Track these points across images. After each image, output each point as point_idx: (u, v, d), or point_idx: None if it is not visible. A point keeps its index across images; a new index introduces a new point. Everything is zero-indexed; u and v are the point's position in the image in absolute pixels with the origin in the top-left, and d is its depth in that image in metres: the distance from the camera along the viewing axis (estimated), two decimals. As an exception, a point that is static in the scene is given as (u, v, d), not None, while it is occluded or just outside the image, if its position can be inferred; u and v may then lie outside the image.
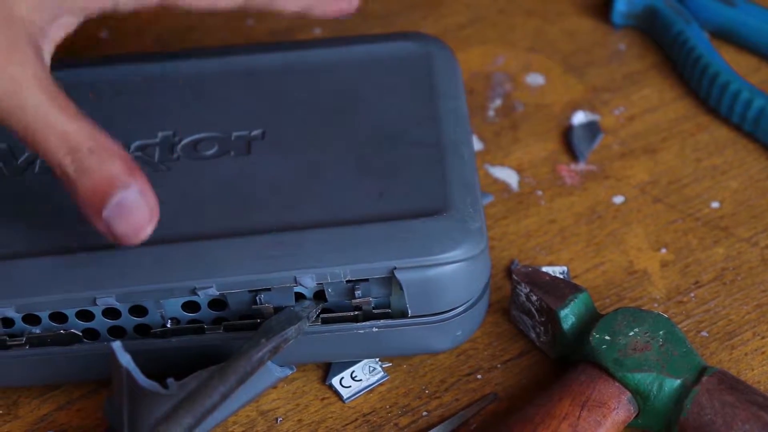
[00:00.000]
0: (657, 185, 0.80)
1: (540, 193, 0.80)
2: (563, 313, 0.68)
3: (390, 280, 0.65)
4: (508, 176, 0.81)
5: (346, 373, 0.70)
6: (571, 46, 0.90)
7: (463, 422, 0.68)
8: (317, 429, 0.68)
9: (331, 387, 0.70)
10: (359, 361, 0.70)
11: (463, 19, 0.93)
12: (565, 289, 0.69)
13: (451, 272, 0.65)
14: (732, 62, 0.85)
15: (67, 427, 0.68)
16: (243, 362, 0.62)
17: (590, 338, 0.66)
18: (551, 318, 0.68)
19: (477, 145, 0.83)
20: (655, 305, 0.73)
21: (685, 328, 0.72)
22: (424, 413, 0.69)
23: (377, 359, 0.70)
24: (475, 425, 0.68)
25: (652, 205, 0.79)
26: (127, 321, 0.66)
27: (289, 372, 0.65)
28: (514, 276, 0.70)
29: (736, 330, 0.72)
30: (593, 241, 0.77)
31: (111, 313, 0.66)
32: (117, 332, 0.67)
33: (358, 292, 0.65)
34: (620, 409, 0.64)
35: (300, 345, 0.65)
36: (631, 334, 0.66)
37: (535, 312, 0.70)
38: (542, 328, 0.70)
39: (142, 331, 0.67)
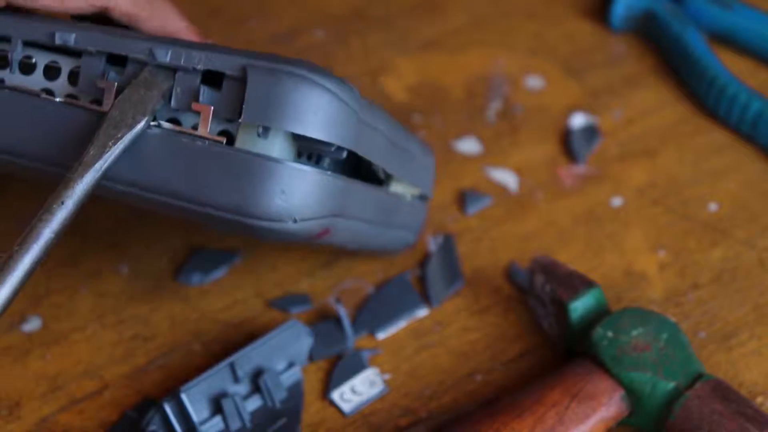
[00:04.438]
0: (655, 187, 0.80)
1: (539, 195, 0.80)
2: (573, 305, 0.68)
3: (239, 86, 0.60)
4: (508, 178, 0.82)
5: (347, 387, 0.70)
6: (570, 50, 0.90)
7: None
8: (317, 429, 0.68)
9: (332, 402, 0.70)
10: (358, 375, 0.70)
11: (463, 21, 0.93)
12: (578, 282, 0.69)
13: (303, 89, 0.60)
14: (730, 65, 0.85)
15: (69, 428, 0.69)
16: (81, 172, 0.59)
17: (593, 333, 0.67)
18: (561, 309, 0.69)
19: (476, 147, 0.83)
20: (653, 306, 0.73)
21: (682, 329, 0.72)
22: (424, 414, 0.69)
23: (378, 370, 0.71)
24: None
25: (651, 207, 0.79)
26: None
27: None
28: (533, 265, 0.71)
29: (733, 331, 0.72)
30: (592, 243, 0.77)
31: None
32: None
33: (203, 97, 0.61)
34: (611, 405, 0.65)
35: (122, 162, 0.61)
36: (634, 333, 0.66)
37: (548, 302, 0.70)
38: (553, 319, 0.70)
39: None
